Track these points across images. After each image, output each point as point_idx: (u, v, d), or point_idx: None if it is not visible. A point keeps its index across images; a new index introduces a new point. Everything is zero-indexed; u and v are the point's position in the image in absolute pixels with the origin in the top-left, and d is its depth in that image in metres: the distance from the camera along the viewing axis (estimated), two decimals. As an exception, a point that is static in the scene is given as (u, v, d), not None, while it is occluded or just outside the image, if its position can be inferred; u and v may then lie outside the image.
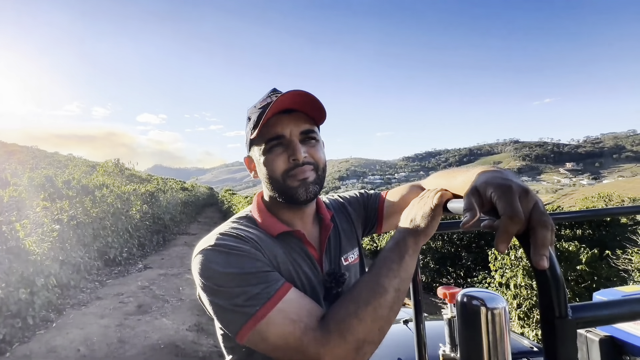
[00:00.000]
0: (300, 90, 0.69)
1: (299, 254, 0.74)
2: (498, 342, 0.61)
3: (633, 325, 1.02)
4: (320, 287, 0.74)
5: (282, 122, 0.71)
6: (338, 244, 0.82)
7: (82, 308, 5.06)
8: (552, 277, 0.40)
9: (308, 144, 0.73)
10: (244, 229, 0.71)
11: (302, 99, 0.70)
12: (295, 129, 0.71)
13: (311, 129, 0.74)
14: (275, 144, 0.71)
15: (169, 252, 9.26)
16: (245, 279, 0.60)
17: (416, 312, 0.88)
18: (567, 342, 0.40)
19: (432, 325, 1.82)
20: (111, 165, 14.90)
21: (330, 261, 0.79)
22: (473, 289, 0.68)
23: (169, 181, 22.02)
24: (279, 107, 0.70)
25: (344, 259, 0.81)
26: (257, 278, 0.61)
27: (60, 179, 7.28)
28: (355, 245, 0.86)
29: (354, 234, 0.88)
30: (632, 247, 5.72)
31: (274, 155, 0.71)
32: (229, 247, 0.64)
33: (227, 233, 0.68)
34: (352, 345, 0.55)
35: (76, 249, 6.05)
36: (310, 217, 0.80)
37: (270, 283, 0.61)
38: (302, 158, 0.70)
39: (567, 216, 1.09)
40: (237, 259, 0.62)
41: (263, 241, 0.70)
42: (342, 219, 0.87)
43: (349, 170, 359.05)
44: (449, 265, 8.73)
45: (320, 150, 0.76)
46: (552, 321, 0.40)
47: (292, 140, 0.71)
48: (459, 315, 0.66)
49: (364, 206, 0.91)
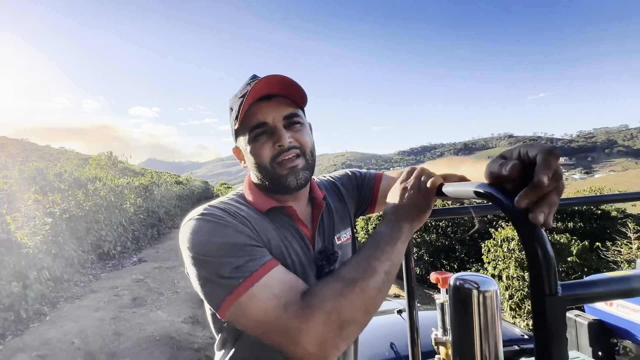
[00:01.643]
0: (277, 74, 0.68)
1: (290, 231, 0.73)
2: (489, 324, 0.62)
3: (621, 309, 1.04)
4: (311, 266, 0.73)
5: (263, 109, 0.70)
6: (331, 223, 0.82)
7: (76, 301, 5.04)
8: (543, 255, 0.41)
9: (292, 129, 0.72)
10: (233, 204, 0.70)
11: (281, 83, 0.69)
12: (278, 114, 0.70)
13: (294, 113, 0.72)
14: (259, 132, 0.70)
15: (163, 246, 9.23)
16: (231, 249, 0.59)
17: (409, 298, 0.89)
18: (556, 318, 0.40)
19: (426, 315, 1.85)
20: (104, 159, 14.72)
21: (323, 240, 0.78)
22: (465, 273, 0.68)
23: (163, 175, 21.84)
24: (258, 94, 0.69)
25: (337, 238, 0.81)
26: (242, 250, 0.60)
27: (52, 172, 7.18)
28: (348, 225, 0.86)
29: (347, 214, 0.87)
30: (621, 239, 5.83)
31: (259, 144, 0.70)
32: (216, 216, 0.63)
33: (216, 206, 0.67)
34: (335, 325, 0.54)
35: (69, 242, 6.00)
36: (304, 198, 0.79)
37: (255, 257, 0.60)
38: (287, 143, 0.69)
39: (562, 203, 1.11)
40: (223, 229, 0.61)
41: (252, 217, 0.69)
42: (334, 198, 0.87)
43: (345, 164, 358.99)
44: (442, 258, 8.84)
45: (306, 134, 0.74)
46: (542, 298, 0.40)
47: (275, 127, 0.70)
48: (451, 298, 0.66)
49: (357, 186, 0.91)
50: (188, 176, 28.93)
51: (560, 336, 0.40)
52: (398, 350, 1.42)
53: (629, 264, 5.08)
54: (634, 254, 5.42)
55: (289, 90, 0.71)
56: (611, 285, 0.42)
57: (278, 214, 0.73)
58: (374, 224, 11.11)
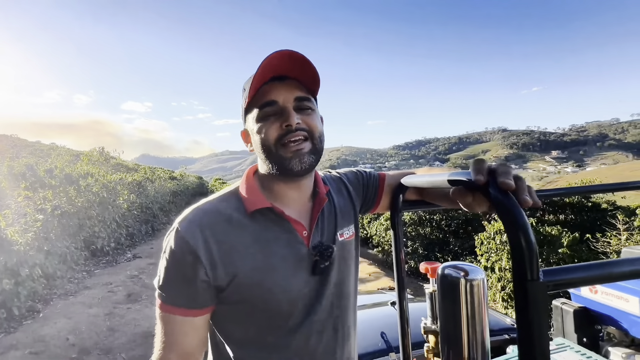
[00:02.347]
0: (291, 51, 0.66)
1: (275, 231, 0.71)
2: (476, 311, 0.63)
3: (605, 297, 1.07)
4: (305, 263, 0.72)
5: (275, 89, 0.69)
6: (333, 219, 0.80)
7: (69, 298, 5.01)
8: (525, 241, 0.41)
9: (303, 113, 0.70)
10: (220, 207, 0.72)
11: (296, 63, 0.68)
12: (289, 95, 0.69)
13: (306, 97, 0.71)
14: (268, 111, 0.69)
15: (158, 242, 9.18)
16: (170, 275, 0.68)
17: (399, 289, 0.89)
18: (538, 304, 0.41)
19: (418, 306, 1.87)
20: (96, 154, 14.51)
21: (321, 235, 0.76)
22: (454, 262, 0.69)
23: (157, 170, 21.63)
24: (272, 72, 0.68)
25: (339, 234, 0.79)
26: (173, 281, 0.67)
27: (42, 168, 7.07)
28: (351, 222, 0.84)
29: (351, 210, 0.85)
30: (610, 231, 5.95)
31: (267, 123, 0.69)
32: (179, 241, 0.67)
33: (198, 213, 0.70)
34: None
35: (61, 239, 5.94)
36: (308, 190, 0.77)
37: (175, 294, 0.67)
38: (295, 124, 0.67)
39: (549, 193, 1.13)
40: (174, 257, 0.67)
41: (229, 227, 0.69)
42: (338, 194, 0.85)
43: (340, 159, 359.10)
44: (437, 251, 8.93)
45: (316, 119, 0.72)
46: (524, 284, 0.41)
47: (285, 107, 0.69)
48: (439, 287, 0.67)
49: (363, 185, 0.90)
50: (182, 172, 28.71)
51: (541, 321, 0.41)
52: (389, 340, 1.44)
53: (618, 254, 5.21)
54: (623, 245, 5.53)
55: (303, 72, 0.70)
56: (591, 271, 0.42)
57: (266, 213, 0.71)
58: (369, 218, 11.18)
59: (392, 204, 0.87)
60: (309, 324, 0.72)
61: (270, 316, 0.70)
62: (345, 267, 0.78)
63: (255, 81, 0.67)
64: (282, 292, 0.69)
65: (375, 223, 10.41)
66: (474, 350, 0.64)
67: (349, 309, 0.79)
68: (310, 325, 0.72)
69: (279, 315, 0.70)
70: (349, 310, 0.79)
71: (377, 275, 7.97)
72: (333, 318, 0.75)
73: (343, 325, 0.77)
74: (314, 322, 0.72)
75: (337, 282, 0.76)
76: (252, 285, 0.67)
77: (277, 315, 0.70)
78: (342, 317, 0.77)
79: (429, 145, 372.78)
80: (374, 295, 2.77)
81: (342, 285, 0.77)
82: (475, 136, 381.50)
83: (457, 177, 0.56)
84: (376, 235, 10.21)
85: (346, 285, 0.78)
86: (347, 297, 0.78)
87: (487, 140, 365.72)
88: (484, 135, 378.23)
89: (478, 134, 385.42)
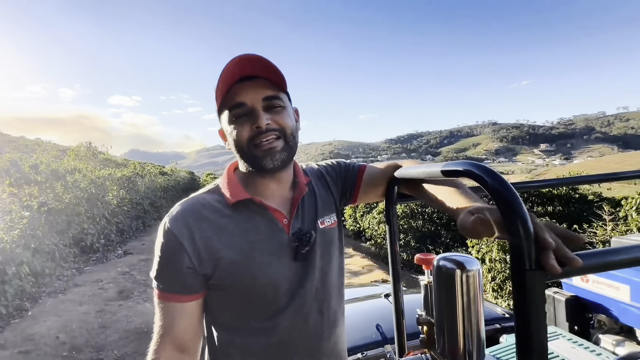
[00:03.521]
0: (250, 54, 0.68)
1: (256, 220, 0.74)
2: (472, 303, 0.63)
3: (596, 285, 1.09)
4: (286, 249, 0.75)
5: (243, 90, 0.71)
6: (314, 207, 0.82)
7: (59, 296, 4.93)
8: (524, 231, 0.41)
9: (272, 111, 0.72)
10: (204, 201, 0.75)
11: (260, 64, 0.70)
12: (257, 95, 0.71)
13: (275, 95, 0.73)
14: (238, 113, 0.71)
15: (150, 238, 9.09)
16: (163, 262, 0.71)
17: (394, 281, 0.89)
18: (536, 293, 0.40)
19: (412, 298, 1.88)
20: (83, 150, 14.19)
21: (302, 223, 0.79)
22: (449, 253, 0.69)
23: (146, 165, 21.30)
24: (237, 74, 0.70)
25: (320, 222, 0.81)
26: (167, 268, 0.71)
27: (27, 164, 6.88)
28: (332, 211, 0.86)
29: (331, 200, 0.87)
30: (597, 222, 6.09)
31: (238, 125, 0.72)
32: (169, 233, 0.71)
33: (176, 213, 0.73)
34: None
35: (49, 236, 5.81)
36: (287, 182, 0.80)
37: (169, 280, 0.71)
38: (265, 125, 0.70)
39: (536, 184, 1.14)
40: (167, 247, 0.71)
41: (213, 217, 0.73)
42: (319, 185, 0.87)
43: (333, 153, 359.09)
44: (429, 243, 9.04)
45: (287, 116, 0.74)
46: (523, 273, 0.40)
47: (254, 108, 0.71)
48: (435, 278, 0.67)
49: (341, 176, 0.91)
50: (173, 167, 28.33)
51: (539, 310, 0.40)
52: (384, 332, 1.45)
53: (604, 244, 5.33)
54: (609, 235, 5.68)
55: (268, 71, 0.71)
56: (590, 259, 0.42)
57: (247, 204, 0.75)
58: (362, 211, 11.24)
59: (386, 196, 0.87)
60: (294, 307, 0.74)
61: (255, 301, 0.73)
62: (327, 254, 0.81)
63: (222, 84, 0.70)
64: (265, 277, 0.72)
65: (368, 216, 10.47)
66: (469, 341, 0.64)
67: (334, 293, 0.82)
68: (295, 309, 0.74)
69: (264, 300, 0.73)
70: (334, 294, 0.82)
71: (370, 268, 8.04)
72: (318, 302, 0.78)
73: (329, 309, 0.80)
74: (299, 305, 0.75)
75: (320, 267, 0.79)
76: (235, 271, 0.71)
77: (261, 300, 0.73)
78: (328, 301, 0.80)
79: (420, 139, 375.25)
80: (368, 287, 2.79)
81: (325, 270, 0.80)
82: (466, 130, 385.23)
83: (451, 168, 0.56)
84: (369, 228, 10.28)
85: (330, 271, 0.81)
86: (331, 281, 0.81)
87: (478, 133, 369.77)
88: (475, 129, 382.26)
89: (469, 128, 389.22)
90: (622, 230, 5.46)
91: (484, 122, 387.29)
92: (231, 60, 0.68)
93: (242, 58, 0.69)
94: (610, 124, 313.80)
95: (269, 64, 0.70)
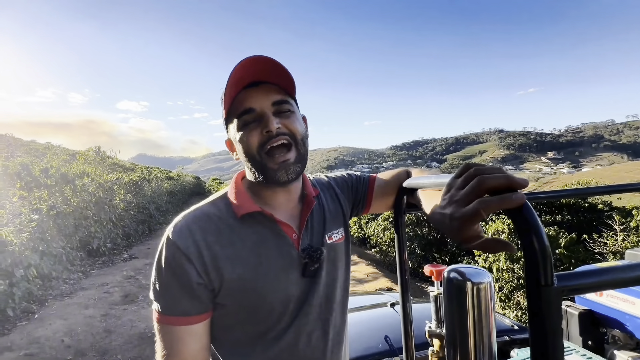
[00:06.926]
0: (260, 56, 0.65)
1: (265, 234, 0.71)
2: (483, 316, 0.62)
3: (610, 299, 1.06)
4: (295, 265, 0.72)
5: (251, 96, 0.68)
6: (322, 222, 0.80)
7: (65, 299, 4.96)
8: (539, 246, 0.40)
9: (282, 116, 0.69)
10: (210, 213, 0.71)
11: (268, 68, 0.67)
12: (266, 100, 0.68)
13: (284, 100, 0.70)
14: (247, 119, 0.68)
15: (155, 242, 9.12)
16: (166, 283, 0.66)
17: (402, 291, 0.88)
18: (552, 309, 0.40)
19: (419, 307, 1.86)
20: (92, 154, 14.39)
21: (310, 238, 0.76)
22: (459, 265, 0.68)
23: (153, 170, 21.52)
24: (245, 80, 0.67)
25: (328, 237, 0.79)
26: (176, 284, 0.66)
27: (38, 168, 7.00)
28: (340, 225, 0.84)
29: (340, 214, 0.85)
30: (607, 232, 5.98)
31: (247, 131, 0.68)
32: (174, 247, 0.66)
33: (181, 226, 0.68)
34: None
35: (57, 239, 5.88)
36: (296, 193, 0.78)
37: (173, 303, 0.66)
38: (275, 129, 0.67)
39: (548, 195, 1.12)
40: (169, 265, 0.66)
41: (222, 230, 0.69)
42: (328, 197, 0.85)
43: (338, 159, 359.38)
44: (434, 251, 8.94)
45: (297, 121, 0.71)
46: (538, 289, 0.40)
47: (263, 113, 0.68)
48: (445, 290, 0.66)
49: (352, 188, 0.89)
50: (179, 171, 28.59)
51: (555, 327, 0.39)
52: (392, 343, 1.43)
53: (615, 255, 5.22)
54: (620, 246, 5.56)
55: (277, 76, 0.69)
56: (605, 276, 0.41)
57: (256, 217, 0.71)
58: (367, 218, 11.17)
59: (395, 206, 0.86)
60: (299, 325, 0.72)
61: (261, 318, 0.70)
62: (334, 270, 0.79)
63: (230, 90, 0.67)
64: (272, 294, 0.69)
65: (373, 223, 10.40)
66: (481, 355, 0.63)
67: (338, 311, 0.80)
68: (299, 326, 0.72)
69: (270, 317, 0.70)
70: (338, 312, 0.80)
71: (375, 275, 7.96)
72: (322, 321, 0.75)
73: (333, 326, 0.78)
74: (304, 323, 0.72)
75: (326, 284, 0.76)
76: (244, 287, 0.68)
77: (267, 317, 0.70)
78: (332, 318, 0.77)
79: (426, 146, 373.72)
80: (373, 296, 2.76)
81: (331, 288, 0.78)
82: (472, 137, 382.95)
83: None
84: (374, 235, 10.21)
85: (336, 288, 0.79)
86: (336, 299, 0.79)
87: (484, 141, 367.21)
88: (481, 136, 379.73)
89: (475, 135, 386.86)
90: (633, 240, 5.34)
91: (490, 130, 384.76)
92: (239, 63, 0.65)
93: (250, 61, 0.65)
94: (619, 132, 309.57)
95: (278, 67, 0.67)
